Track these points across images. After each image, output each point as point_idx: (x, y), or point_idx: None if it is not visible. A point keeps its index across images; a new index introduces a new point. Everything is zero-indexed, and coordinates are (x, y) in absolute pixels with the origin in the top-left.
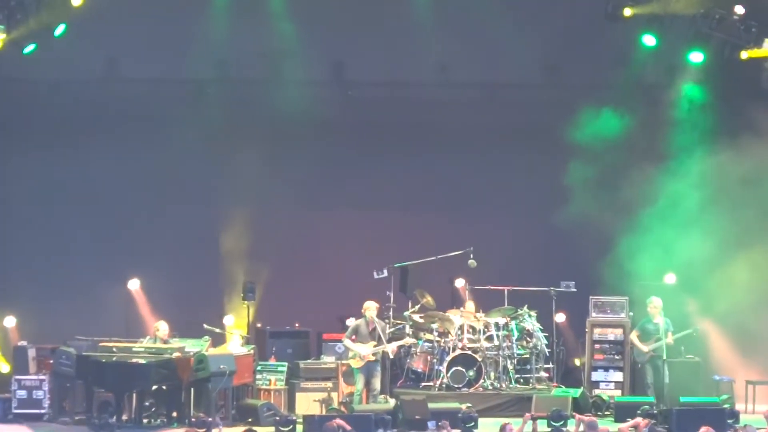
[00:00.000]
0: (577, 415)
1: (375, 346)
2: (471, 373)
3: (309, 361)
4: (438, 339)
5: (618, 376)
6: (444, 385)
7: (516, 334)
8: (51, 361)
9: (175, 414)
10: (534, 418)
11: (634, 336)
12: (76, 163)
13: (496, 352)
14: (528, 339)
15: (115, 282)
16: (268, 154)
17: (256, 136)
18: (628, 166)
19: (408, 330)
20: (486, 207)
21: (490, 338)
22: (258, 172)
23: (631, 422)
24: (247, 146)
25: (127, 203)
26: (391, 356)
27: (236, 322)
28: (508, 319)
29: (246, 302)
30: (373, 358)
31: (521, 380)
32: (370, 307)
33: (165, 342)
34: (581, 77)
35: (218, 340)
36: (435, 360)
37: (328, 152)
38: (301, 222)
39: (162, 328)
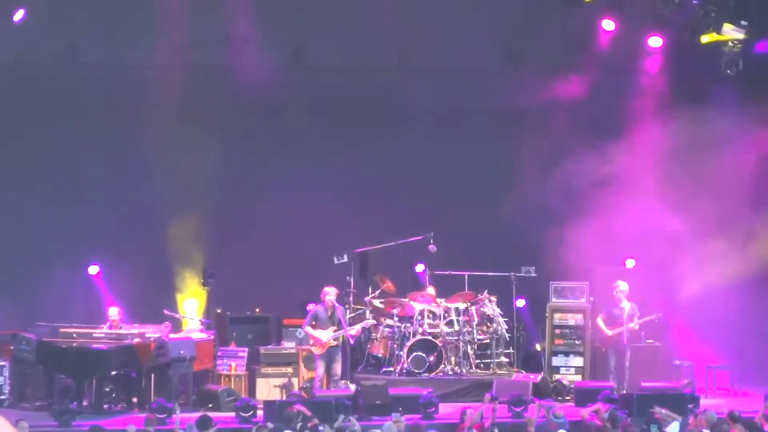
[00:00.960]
0: (538, 400)
1: (335, 331)
2: (431, 358)
3: (269, 346)
4: (398, 324)
5: (578, 361)
6: (404, 371)
7: (476, 319)
8: (11, 347)
9: (135, 400)
10: (494, 399)
11: (600, 320)
12: (36, 148)
13: (456, 338)
14: (488, 324)
15: (75, 268)
16: (228, 138)
17: (216, 121)
18: (587, 145)
19: (368, 315)
20: (446, 192)
21: (450, 323)
22: (218, 157)
23: (591, 407)
24: (206, 131)
25: (87, 188)
26: (352, 342)
27: (196, 307)
28: (469, 304)
29: (206, 288)
30: (333, 344)
31: (482, 365)
32: (330, 293)
33: (117, 327)
34: (540, 62)
35: (178, 325)
36: (395, 345)
37: (288, 137)
38: (260, 207)
39: (111, 313)
